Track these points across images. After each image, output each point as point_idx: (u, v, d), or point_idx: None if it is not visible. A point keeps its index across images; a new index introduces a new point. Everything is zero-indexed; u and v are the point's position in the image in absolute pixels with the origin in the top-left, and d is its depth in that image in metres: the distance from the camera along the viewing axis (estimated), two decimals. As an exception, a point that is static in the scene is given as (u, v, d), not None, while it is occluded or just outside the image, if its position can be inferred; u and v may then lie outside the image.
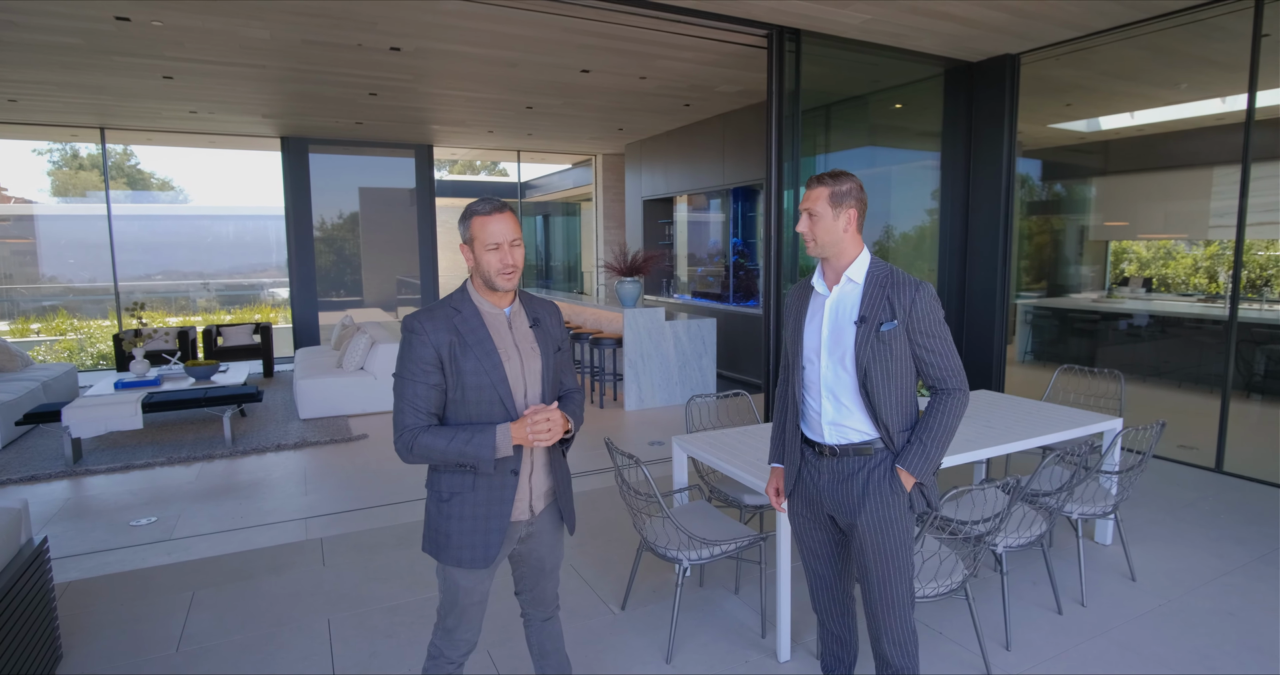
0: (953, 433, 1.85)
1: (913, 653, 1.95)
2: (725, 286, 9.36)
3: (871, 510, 1.86)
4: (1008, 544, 2.69)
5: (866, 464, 1.88)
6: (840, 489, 1.91)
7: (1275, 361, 5.86)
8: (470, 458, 1.67)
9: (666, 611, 2.96)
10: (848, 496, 1.90)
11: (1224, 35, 4.87)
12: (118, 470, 5.14)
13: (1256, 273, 7.84)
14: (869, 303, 1.83)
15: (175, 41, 5.33)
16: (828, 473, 1.94)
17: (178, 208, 19.48)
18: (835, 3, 4.51)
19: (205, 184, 17.83)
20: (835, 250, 1.88)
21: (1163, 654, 2.64)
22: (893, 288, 1.83)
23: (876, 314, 1.82)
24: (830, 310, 1.90)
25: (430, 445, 1.67)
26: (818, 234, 1.87)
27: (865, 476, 1.87)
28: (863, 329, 1.82)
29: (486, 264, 1.71)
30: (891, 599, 1.91)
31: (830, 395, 1.89)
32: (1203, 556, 3.44)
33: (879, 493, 1.85)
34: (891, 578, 1.89)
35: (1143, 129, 7.44)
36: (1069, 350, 7.46)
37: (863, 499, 1.87)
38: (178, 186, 19.75)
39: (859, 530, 1.88)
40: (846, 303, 1.88)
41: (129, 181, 9.58)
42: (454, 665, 1.88)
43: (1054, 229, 8.20)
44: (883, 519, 1.85)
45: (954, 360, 1.86)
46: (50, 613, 2.59)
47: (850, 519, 1.90)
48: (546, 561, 1.96)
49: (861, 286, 1.87)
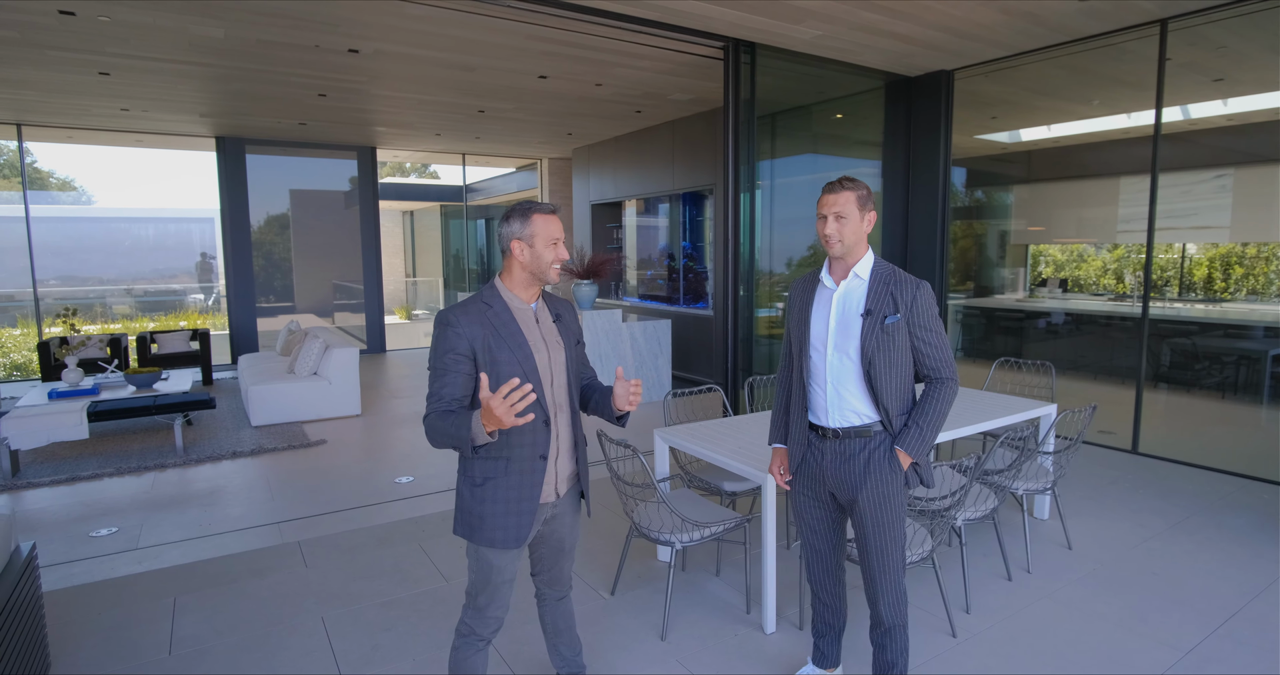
0: (945, 417, 2.05)
1: (903, 611, 2.17)
2: (675, 289, 9.59)
3: (872, 487, 2.05)
4: (966, 517, 2.97)
5: (868, 445, 2.07)
6: (843, 468, 2.09)
7: (1180, 354, 6.48)
8: (456, 439, 1.75)
9: (654, 595, 3.11)
10: (850, 475, 2.08)
11: (1133, 58, 5.39)
12: (62, 482, 4.93)
13: (1158, 274, 8.61)
14: (874, 297, 2.02)
15: (120, 37, 5.16)
16: (831, 453, 2.12)
17: (89, 209, 18.41)
18: (789, 20, 4.78)
19: (118, 184, 16.88)
20: (854, 249, 2.06)
21: (1100, 609, 2.96)
22: (896, 285, 2.03)
23: (881, 308, 2.01)
24: (838, 303, 2.09)
25: (432, 426, 1.78)
26: (845, 235, 2.03)
27: (866, 456, 2.06)
28: (869, 321, 2.01)
29: (545, 257, 1.86)
30: (887, 566, 2.11)
31: (835, 381, 2.08)
32: (1127, 526, 3.84)
33: (879, 471, 2.05)
34: (888, 547, 2.09)
35: (1059, 141, 8.06)
36: (996, 346, 7.98)
37: (864, 477, 2.06)
38: (80, 186, 18.57)
39: (859, 505, 2.07)
40: (853, 297, 2.07)
41: (29, 181, 9.01)
42: (484, 642, 1.99)
43: (978, 233, 8.78)
44: (882, 495, 2.05)
45: (946, 353, 2.05)
46: (40, 622, 2.54)
47: (852, 495, 2.09)
48: (566, 541, 2.09)
49: (867, 282, 2.06)
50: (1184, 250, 8.26)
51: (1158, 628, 2.83)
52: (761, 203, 6.21)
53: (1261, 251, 7.44)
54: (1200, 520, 3.93)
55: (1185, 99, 6.31)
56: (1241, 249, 7.56)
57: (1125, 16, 4.86)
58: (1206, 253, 7.94)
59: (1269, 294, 7.32)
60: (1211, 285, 7.85)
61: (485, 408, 1.64)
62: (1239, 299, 7.54)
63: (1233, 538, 3.69)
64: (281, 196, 10.28)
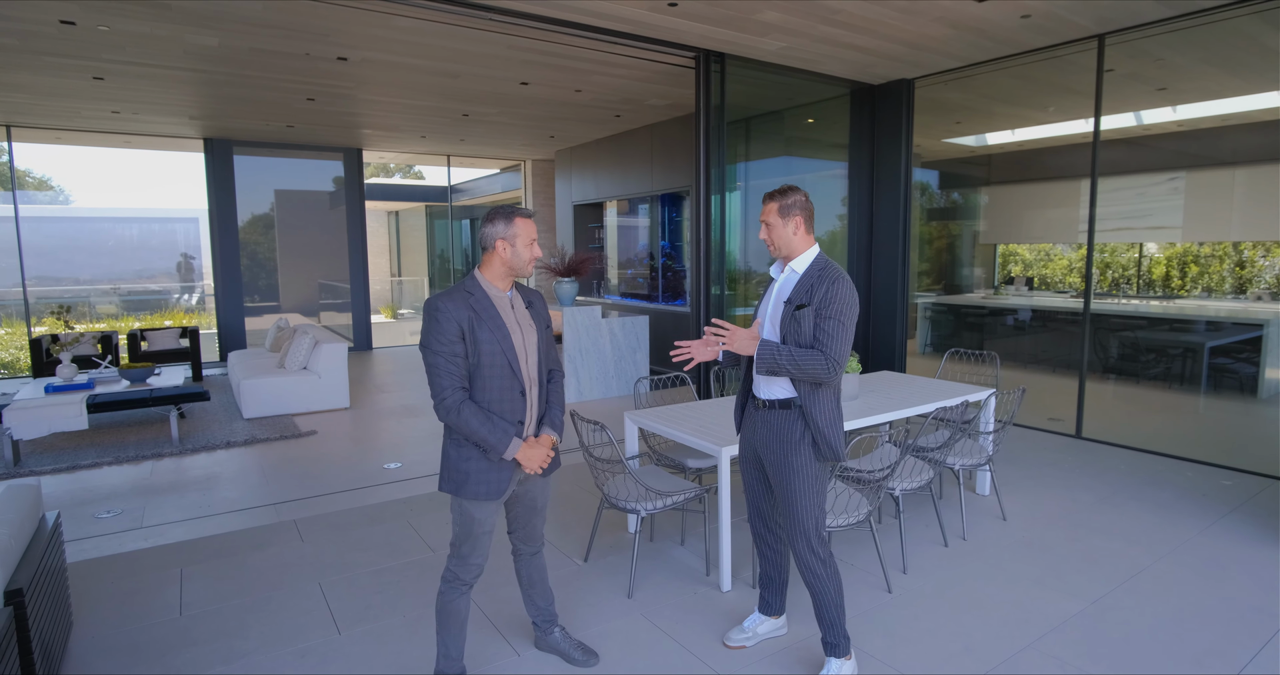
0: (800, 370, 2.21)
1: (822, 573, 2.37)
2: (654, 287, 9.91)
3: (778, 454, 2.35)
4: (903, 487, 3.30)
5: (787, 417, 2.36)
6: (766, 435, 2.41)
7: (1128, 347, 6.90)
8: (487, 444, 2.13)
9: (624, 562, 3.42)
10: (767, 441, 2.40)
11: (1079, 69, 5.76)
12: (63, 471, 5.15)
13: (1119, 272, 9.05)
14: (798, 289, 2.32)
15: (118, 45, 5.39)
16: (759, 422, 2.44)
17: (71, 209, 18.39)
18: (755, 33, 5.11)
19: (101, 185, 16.89)
20: (788, 249, 2.37)
21: (1023, 569, 3.31)
22: (818, 279, 2.29)
23: (798, 298, 2.31)
24: (775, 292, 2.41)
25: (468, 420, 2.11)
26: (774, 239, 2.37)
27: (782, 426, 2.36)
28: (787, 309, 2.33)
29: (524, 255, 2.18)
30: (796, 531, 2.37)
31: None
32: (1059, 501, 4.19)
33: (788, 441, 2.34)
34: (793, 509, 2.36)
35: (1022, 145, 8.46)
36: (962, 342, 8.37)
37: (777, 445, 2.36)
38: (58, 186, 18.50)
39: (777, 468, 2.38)
40: (786, 286, 2.38)
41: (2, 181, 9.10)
42: (467, 586, 2.29)
43: (951, 234, 9.18)
44: (785, 463, 2.34)
45: (840, 343, 2.21)
46: (65, 585, 2.80)
47: (767, 458, 2.41)
48: (539, 500, 2.40)
49: (800, 275, 2.35)
50: (1141, 249, 8.70)
51: (1070, 583, 3.17)
52: (737, 204, 6.54)
53: (1215, 250, 7.88)
54: (1126, 495, 4.29)
55: (1132, 107, 6.71)
56: (1197, 248, 8.00)
57: (1065, 32, 5.23)
58: (1165, 252, 8.38)
59: (1222, 291, 7.77)
60: (1169, 283, 8.30)
61: (528, 445, 2.19)
62: (1194, 295, 7.98)
63: (1152, 509, 4.06)
64: (266, 196, 10.43)
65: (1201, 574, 3.26)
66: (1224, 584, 3.17)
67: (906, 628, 2.82)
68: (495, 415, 2.15)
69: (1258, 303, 7.29)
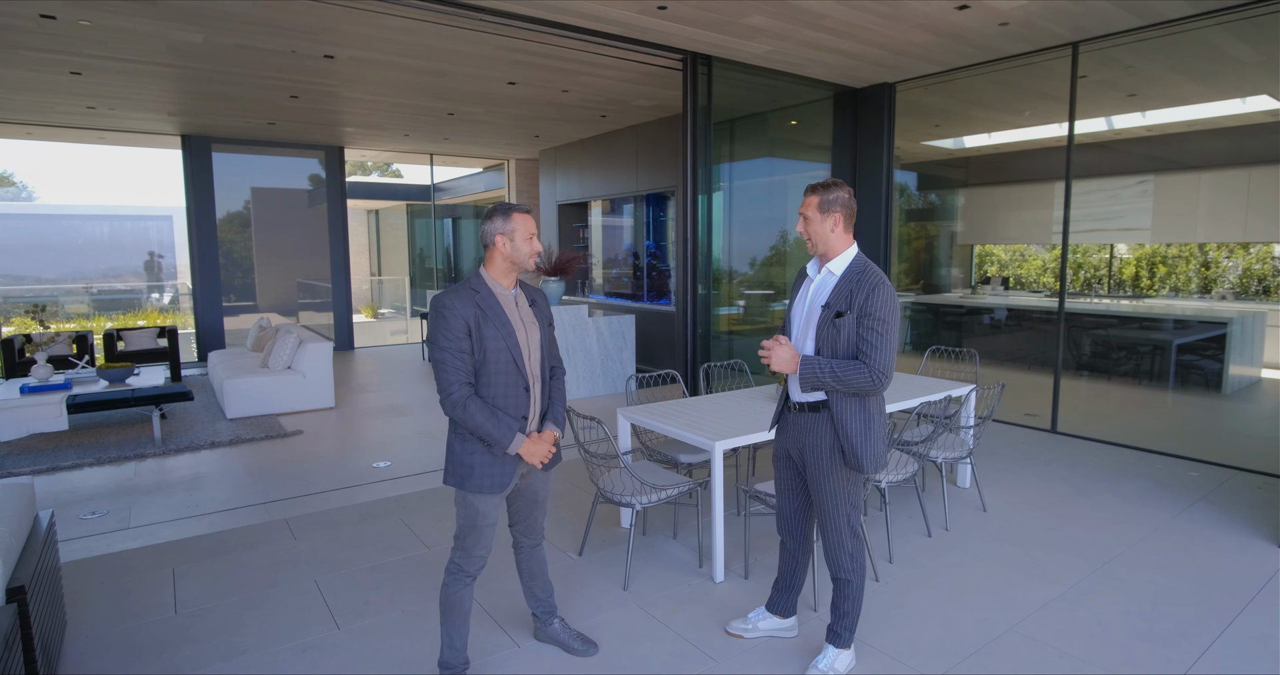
0: (844, 384, 2.24)
1: (848, 567, 2.44)
2: (639, 286, 9.98)
3: (811, 457, 2.37)
4: (889, 480, 3.39)
5: (817, 421, 2.36)
6: (802, 437, 2.41)
7: (1100, 344, 7.10)
8: (491, 439, 2.18)
9: (618, 556, 3.48)
10: (802, 443, 2.41)
11: (1052, 75, 5.93)
12: (44, 472, 5.08)
13: (1091, 272, 9.29)
14: (837, 293, 2.29)
15: (98, 40, 5.33)
16: (794, 423, 2.45)
17: (38, 206, 17.95)
18: (742, 37, 5.19)
19: (71, 182, 16.59)
20: (825, 247, 2.34)
21: (1003, 557, 3.43)
22: (857, 284, 2.22)
23: (838, 302, 2.27)
24: (811, 293, 2.38)
25: (474, 415, 2.15)
26: (810, 234, 2.34)
27: (813, 430, 2.37)
28: (825, 313, 2.30)
29: (524, 249, 2.22)
30: (828, 526, 2.42)
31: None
32: (1036, 493, 4.33)
33: (819, 448, 2.35)
34: (828, 508, 2.40)
35: (999, 147, 8.67)
36: (941, 340, 8.54)
37: (811, 449, 2.38)
38: (20, 182, 17.99)
39: (808, 469, 2.41)
40: (823, 289, 2.34)
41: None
42: (470, 578, 2.33)
43: (930, 234, 9.37)
44: (817, 466, 2.36)
45: (885, 352, 2.18)
46: (59, 585, 2.79)
47: (802, 460, 2.43)
48: (540, 494, 2.45)
49: (838, 278, 2.29)
50: (1113, 250, 8.96)
51: (1047, 570, 3.29)
52: (722, 204, 6.62)
53: (1182, 251, 8.14)
54: (1100, 487, 4.45)
55: (1103, 112, 6.92)
56: (1165, 249, 8.26)
57: (1041, 39, 5.38)
58: (1135, 253, 8.64)
59: (1188, 291, 8.03)
60: (1139, 282, 8.55)
61: (531, 441, 2.24)
62: (1162, 295, 8.24)
63: (1126, 500, 4.21)
64: (241, 194, 10.27)
65: (1171, 559, 3.41)
66: (1192, 568, 3.31)
67: (894, 614, 2.92)
68: (500, 411, 2.20)
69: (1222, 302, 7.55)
